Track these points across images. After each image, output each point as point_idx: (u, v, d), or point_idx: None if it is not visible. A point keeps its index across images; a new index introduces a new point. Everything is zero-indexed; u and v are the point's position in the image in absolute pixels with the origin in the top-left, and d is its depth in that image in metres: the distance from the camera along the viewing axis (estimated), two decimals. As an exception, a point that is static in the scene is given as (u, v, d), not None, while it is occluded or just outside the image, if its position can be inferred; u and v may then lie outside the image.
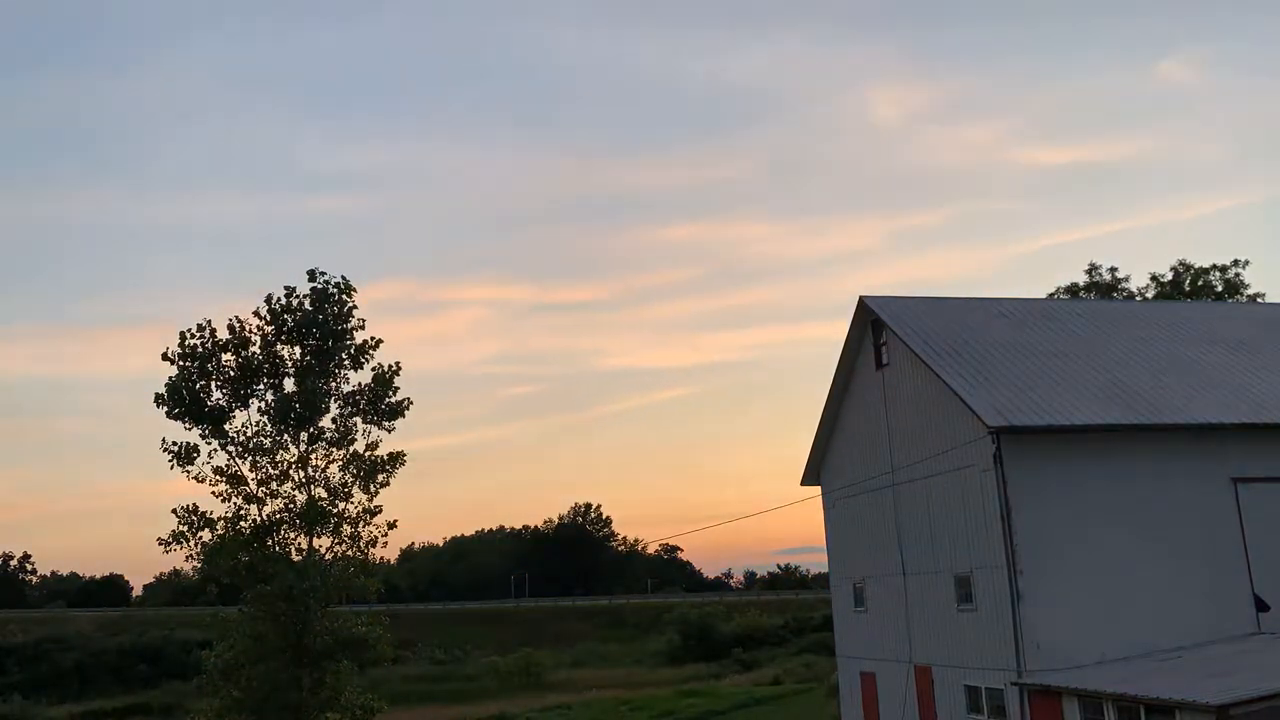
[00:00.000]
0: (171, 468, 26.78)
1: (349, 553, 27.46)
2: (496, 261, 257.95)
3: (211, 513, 26.78)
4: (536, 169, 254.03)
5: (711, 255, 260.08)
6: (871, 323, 31.33)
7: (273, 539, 26.99)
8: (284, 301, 27.51)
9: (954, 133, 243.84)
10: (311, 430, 27.39)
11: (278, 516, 27.08)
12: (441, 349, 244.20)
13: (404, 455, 27.93)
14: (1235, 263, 55.64)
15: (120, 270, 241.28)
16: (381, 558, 32.26)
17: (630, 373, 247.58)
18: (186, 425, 27.08)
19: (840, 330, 32.61)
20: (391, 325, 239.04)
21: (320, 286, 27.79)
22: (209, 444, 27.08)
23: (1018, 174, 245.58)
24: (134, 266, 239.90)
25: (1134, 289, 56.67)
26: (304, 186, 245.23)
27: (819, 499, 35.28)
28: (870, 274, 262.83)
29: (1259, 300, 52.97)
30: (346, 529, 27.34)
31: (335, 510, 27.25)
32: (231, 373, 27.21)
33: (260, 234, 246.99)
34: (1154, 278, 56.88)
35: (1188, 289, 55.54)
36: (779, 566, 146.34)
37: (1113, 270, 56.97)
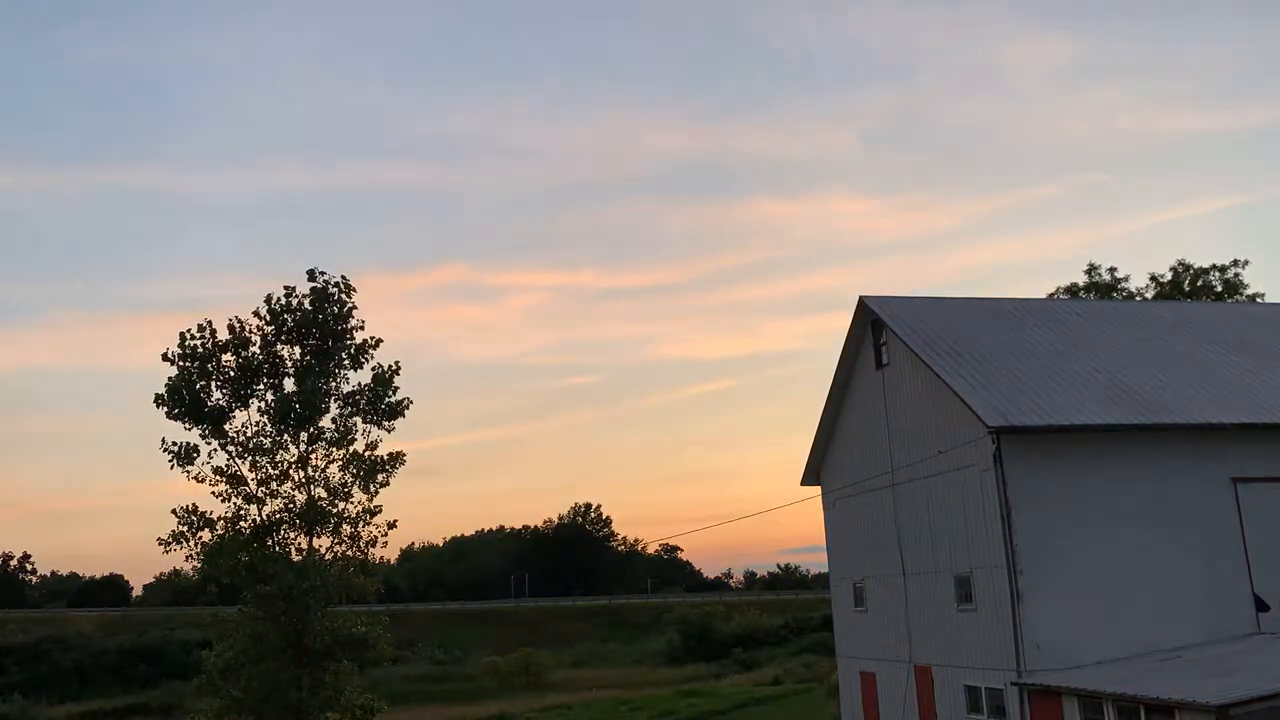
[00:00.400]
0: (171, 468, 26.83)
1: (349, 553, 27.49)
2: (563, 240, 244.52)
3: (211, 513, 26.86)
4: (613, 137, 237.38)
5: (793, 234, 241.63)
6: (871, 323, 31.32)
7: (273, 539, 27.01)
8: (284, 301, 27.52)
9: (1079, 96, 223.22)
10: (311, 430, 27.39)
11: (278, 516, 27.10)
12: (491, 337, 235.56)
13: (404, 455, 27.98)
14: (1235, 263, 55.78)
15: (144, 250, 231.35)
16: (381, 558, 32.30)
17: (685, 364, 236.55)
18: (186, 425, 27.10)
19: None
20: (446, 310, 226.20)
21: (320, 286, 27.80)
22: (209, 444, 27.11)
23: (1142, 143, 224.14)
24: (155, 246, 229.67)
25: (1134, 289, 56.74)
26: (372, 157, 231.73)
27: (819, 499, 35.28)
28: (962, 254, 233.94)
29: (1259, 300, 52.99)
30: (346, 529, 27.36)
31: (335, 510, 27.26)
32: (231, 373, 27.22)
33: (315, 210, 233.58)
34: (1154, 278, 56.95)
35: (1187, 289, 55.56)
36: (779, 566, 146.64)
37: (1112, 270, 57.10)
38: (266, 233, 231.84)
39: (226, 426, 27.14)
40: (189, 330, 26.97)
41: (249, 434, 27.18)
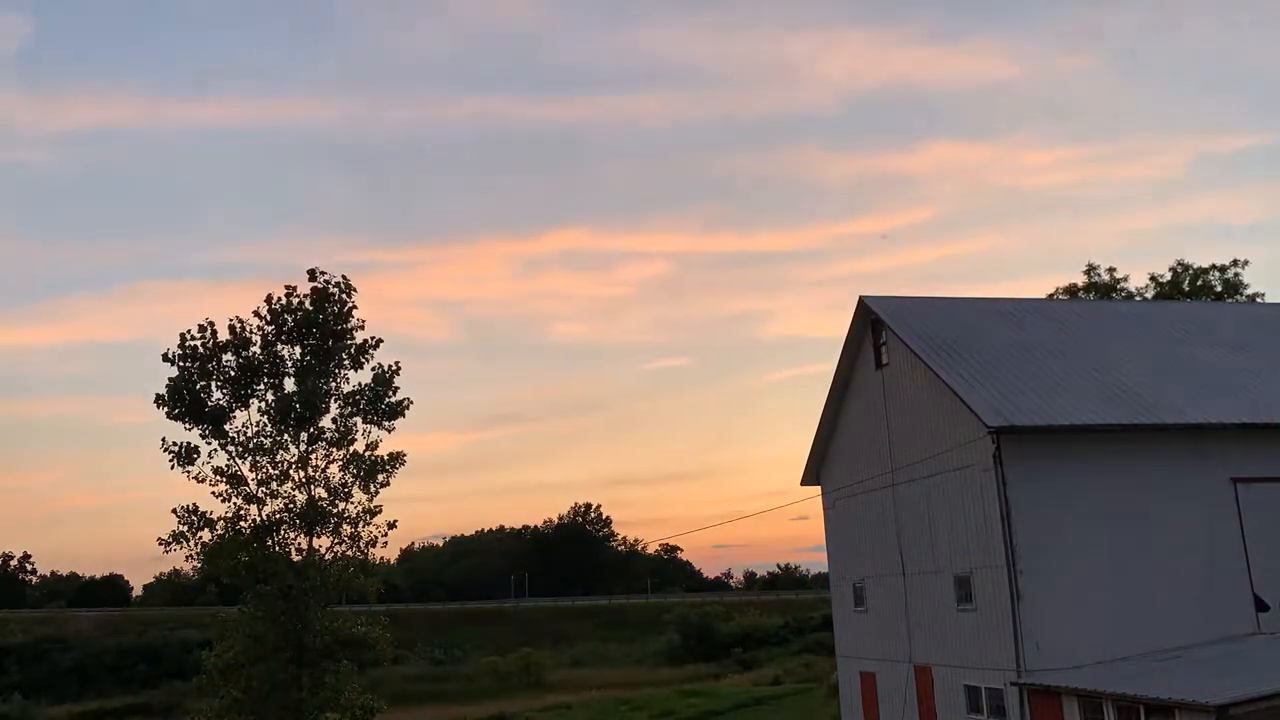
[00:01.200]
0: (172, 468, 26.82)
1: (349, 553, 27.48)
2: (701, 193, 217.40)
3: (211, 513, 26.83)
4: (783, 65, 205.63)
5: (961, 188, 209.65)
6: (871, 322, 31.32)
7: (273, 539, 27.00)
8: (284, 301, 27.55)
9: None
10: (311, 430, 27.40)
11: (278, 516, 27.09)
12: (589, 314, 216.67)
13: (404, 455, 27.98)
14: (1235, 263, 55.85)
15: (237, 204, 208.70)
16: (381, 558, 32.29)
17: (789, 343, 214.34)
18: (187, 425, 27.11)
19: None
20: (550, 282, 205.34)
21: (320, 286, 27.83)
22: (209, 444, 27.11)
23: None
24: (245, 199, 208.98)
25: (1133, 289, 56.80)
26: (502, 92, 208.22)
27: (819, 499, 35.29)
28: (1160, 212, 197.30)
29: (1259, 300, 53.02)
30: (346, 529, 27.36)
31: (335, 510, 27.25)
32: (232, 373, 27.23)
33: (435, 158, 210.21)
34: (1153, 278, 57.05)
35: (1187, 289, 55.59)
36: (779, 566, 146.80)
37: (1112, 270, 57.22)
38: (375, 186, 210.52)
39: (227, 426, 27.15)
40: (189, 330, 27.06)
41: (249, 434, 27.19)
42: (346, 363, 28.04)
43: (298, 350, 27.73)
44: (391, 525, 27.96)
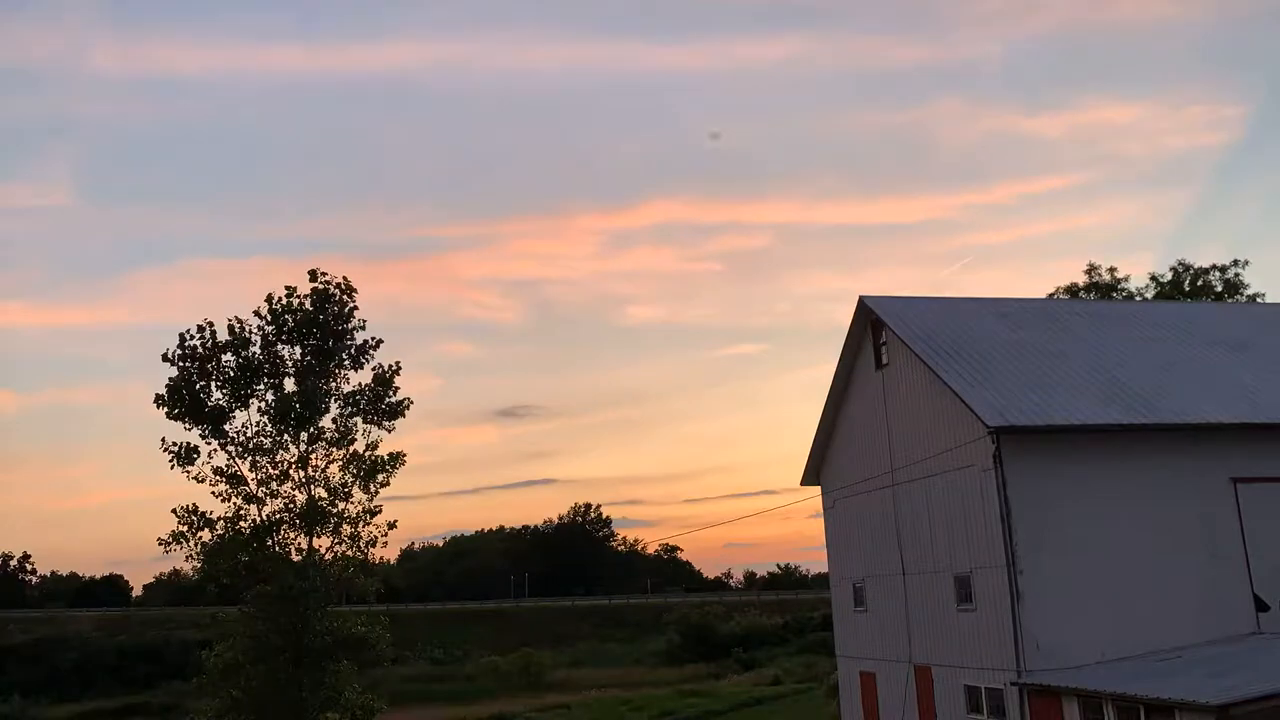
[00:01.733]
0: (172, 468, 26.78)
1: (349, 553, 27.47)
2: (813, 158, 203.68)
3: (211, 513, 26.79)
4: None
5: (1102, 152, 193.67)
6: (871, 322, 31.33)
7: (273, 539, 26.96)
8: (284, 302, 27.55)
9: None
10: (311, 430, 27.37)
11: (278, 516, 27.06)
12: (666, 295, 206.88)
13: (404, 455, 27.98)
14: (1235, 263, 55.88)
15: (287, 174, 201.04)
16: (381, 558, 32.27)
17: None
18: (186, 425, 27.09)
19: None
20: (634, 258, 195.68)
21: (321, 287, 27.83)
22: (209, 444, 27.09)
23: None
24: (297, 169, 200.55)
25: (1134, 289, 56.80)
26: (612, 35, 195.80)
27: (818, 499, 35.29)
28: None
29: (1259, 300, 53.02)
30: (346, 529, 27.34)
31: (335, 510, 27.25)
32: (231, 373, 27.22)
33: (529, 117, 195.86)
34: (1154, 278, 57.10)
35: (1187, 289, 55.60)
36: (779, 566, 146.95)
37: (1112, 270, 57.21)
38: (454, 149, 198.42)
39: (226, 426, 27.13)
40: (188, 330, 27.07)
41: (249, 434, 27.17)
42: (347, 363, 28.04)
43: (298, 350, 27.73)
44: (391, 525, 27.93)
